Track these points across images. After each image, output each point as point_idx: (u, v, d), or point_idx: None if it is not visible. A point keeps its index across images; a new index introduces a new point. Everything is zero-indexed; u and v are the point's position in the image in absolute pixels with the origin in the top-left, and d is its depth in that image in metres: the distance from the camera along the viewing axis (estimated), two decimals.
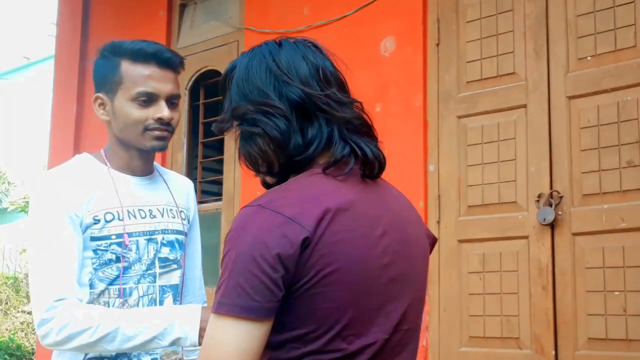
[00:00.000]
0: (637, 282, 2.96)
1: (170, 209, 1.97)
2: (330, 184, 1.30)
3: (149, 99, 1.84)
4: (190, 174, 4.81)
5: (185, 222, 2.01)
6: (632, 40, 3.09)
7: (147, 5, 5.08)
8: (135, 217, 1.88)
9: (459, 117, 3.55)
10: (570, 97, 3.23)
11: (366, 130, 1.40)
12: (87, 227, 1.81)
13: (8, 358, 8.27)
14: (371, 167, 1.36)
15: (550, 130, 3.26)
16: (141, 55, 1.85)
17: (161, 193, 1.98)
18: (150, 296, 1.87)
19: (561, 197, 3.18)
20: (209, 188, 4.91)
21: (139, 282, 1.86)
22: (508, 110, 3.40)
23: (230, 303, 1.19)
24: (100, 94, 1.90)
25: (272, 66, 1.35)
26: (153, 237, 1.90)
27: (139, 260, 1.86)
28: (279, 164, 1.36)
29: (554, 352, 3.11)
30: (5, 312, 10.05)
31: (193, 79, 4.80)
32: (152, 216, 1.92)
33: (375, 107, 3.76)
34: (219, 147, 4.89)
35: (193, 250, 2.08)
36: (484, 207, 3.41)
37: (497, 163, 3.39)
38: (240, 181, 4.35)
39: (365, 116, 1.40)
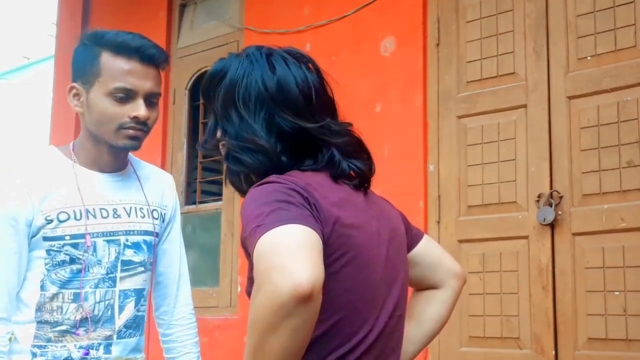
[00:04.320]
0: (637, 282, 2.96)
1: (140, 208, 1.86)
2: (325, 179, 1.33)
3: (126, 96, 1.74)
4: (190, 174, 4.81)
5: (157, 221, 1.89)
6: (632, 40, 3.09)
7: (147, 5, 5.08)
8: (95, 216, 1.77)
9: (459, 117, 3.55)
10: (570, 97, 3.23)
11: (359, 150, 1.41)
12: (40, 227, 1.72)
13: None
14: (364, 180, 1.40)
15: (550, 130, 3.26)
16: (124, 49, 1.75)
17: (131, 191, 1.87)
18: (107, 302, 1.77)
19: (561, 197, 3.17)
20: (209, 188, 4.90)
21: (97, 286, 1.76)
22: (508, 110, 3.40)
23: (271, 221, 1.14)
24: (75, 84, 1.79)
25: (264, 94, 1.33)
26: (114, 238, 1.79)
27: (99, 263, 1.76)
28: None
29: (554, 352, 3.11)
30: None
31: (193, 79, 4.80)
32: (115, 216, 1.81)
33: (375, 107, 3.76)
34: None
35: (171, 249, 1.95)
36: (484, 207, 3.41)
37: (497, 163, 3.39)
38: None
39: (357, 137, 1.41)
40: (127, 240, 1.81)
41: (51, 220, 1.73)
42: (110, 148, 1.80)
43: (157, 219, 1.90)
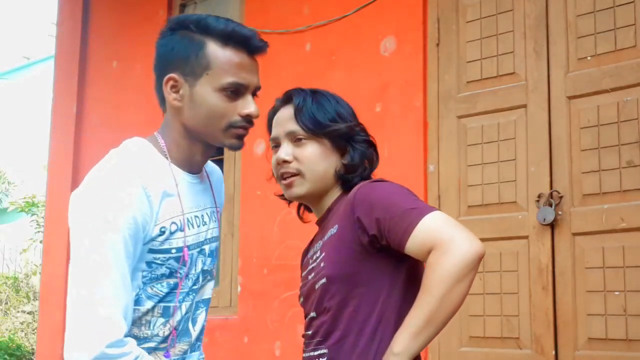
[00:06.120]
0: (637, 282, 2.96)
1: (213, 212, 1.70)
2: None
3: (237, 91, 1.57)
4: None
5: (218, 224, 1.75)
6: (632, 40, 3.09)
7: (147, 5, 5.07)
8: (192, 226, 1.60)
9: (459, 117, 3.55)
10: (570, 97, 3.23)
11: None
12: (152, 239, 1.52)
13: (8, 358, 8.27)
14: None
15: (550, 130, 3.26)
16: (233, 39, 1.57)
17: (208, 193, 1.71)
18: (188, 315, 1.62)
19: (561, 197, 3.18)
20: None
21: (183, 300, 1.59)
22: (508, 110, 3.40)
23: (426, 206, 1.60)
24: (175, 75, 1.57)
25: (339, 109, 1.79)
26: (202, 247, 1.64)
27: (188, 275, 1.59)
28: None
29: (554, 352, 3.11)
30: (5, 312, 10.05)
31: None
32: (203, 223, 1.64)
33: (375, 107, 3.76)
34: (218, 147, 4.88)
35: None
36: (484, 207, 3.41)
37: (497, 163, 3.39)
38: (240, 181, 4.35)
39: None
40: (209, 248, 1.67)
41: (164, 232, 1.54)
42: (206, 148, 1.63)
43: (219, 221, 1.77)
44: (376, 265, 1.64)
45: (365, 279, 1.64)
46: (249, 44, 1.58)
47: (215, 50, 1.56)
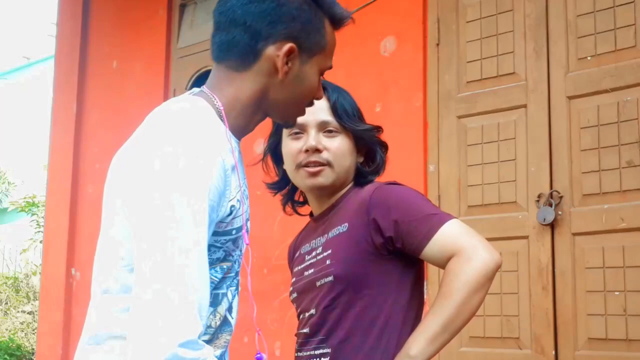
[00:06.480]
0: (637, 282, 2.96)
1: (247, 187, 1.46)
2: None
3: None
4: None
5: None
6: (632, 40, 3.09)
7: (147, 5, 5.07)
8: (246, 201, 1.38)
9: (459, 117, 3.55)
10: (570, 97, 3.23)
11: None
12: (220, 219, 1.30)
13: (8, 358, 8.27)
14: None
15: (550, 130, 3.26)
16: (339, 23, 1.45)
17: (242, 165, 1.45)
18: (232, 302, 1.40)
19: (561, 197, 3.17)
20: None
21: (229, 286, 1.38)
22: (508, 110, 3.40)
23: (445, 213, 1.69)
24: (295, 46, 1.37)
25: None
26: (247, 226, 1.40)
27: (238, 259, 1.40)
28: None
29: (554, 352, 3.11)
30: (5, 312, 10.05)
31: (193, 79, 4.80)
32: (246, 198, 1.41)
33: (375, 107, 3.76)
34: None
35: None
36: (484, 207, 3.41)
37: (497, 163, 3.39)
38: None
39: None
40: (247, 227, 1.41)
41: (232, 211, 1.31)
42: (261, 120, 1.45)
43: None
44: (385, 268, 1.65)
45: (373, 280, 1.65)
46: (339, 28, 1.47)
47: (329, 31, 1.43)
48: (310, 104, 1.46)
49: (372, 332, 1.63)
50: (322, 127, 1.75)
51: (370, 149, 1.82)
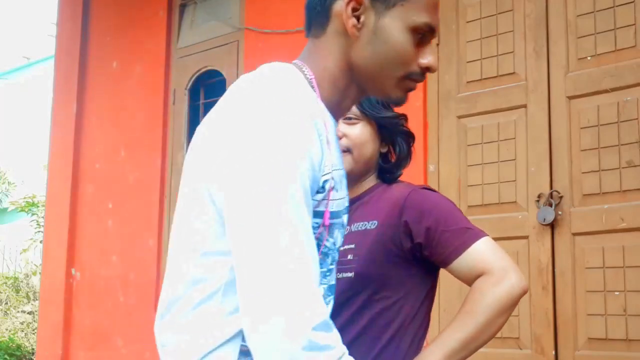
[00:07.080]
0: (637, 282, 2.96)
1: (344, 175, 1.29)
2: None
3: (425, 36, 1.24)
4: None
5: None
6: (632, 40, 3.09)
7: (147, 5, 5.07)
8: (341, 187, 1.23)
9: (459, 117, 3.55)
10: (570, 97, 3.23)
11: None
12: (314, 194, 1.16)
13: (8, 358, 8.27)
14: None
15: (550, 130, 3.26)
16: None
17: (339, 149, 1.28)
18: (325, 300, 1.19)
19: (561, 197, 3.18)
20: None
21: (321, 281, 1.20)
22: (508, 110, 3.40)
23: (478, 228, 1.64)
24: None
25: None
26: (342, 218, 1.25)
27: (330, 250, 1.23)
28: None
29: (554, 352, 3.11)
30: (5, 312, 10.05)
31: (193, 79, 4.80)
32: (343, 185, 1.25)
33: None
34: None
35: None
36: (484, 207, 3.41)
37: (497, 163, 3.39)
38: None
39: None
40: (345, 220, 1.27)
41: (324, 187, 1.16)
42: (360, 94, 1.29)
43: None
44: (407, 273, 1.64)
45: (394, 283, 1.63)
46: None
47: None
48: (417, 75, 1.24)
49: (385, 335, 1.62)
50: None
51: (395, 139, 1.77)
